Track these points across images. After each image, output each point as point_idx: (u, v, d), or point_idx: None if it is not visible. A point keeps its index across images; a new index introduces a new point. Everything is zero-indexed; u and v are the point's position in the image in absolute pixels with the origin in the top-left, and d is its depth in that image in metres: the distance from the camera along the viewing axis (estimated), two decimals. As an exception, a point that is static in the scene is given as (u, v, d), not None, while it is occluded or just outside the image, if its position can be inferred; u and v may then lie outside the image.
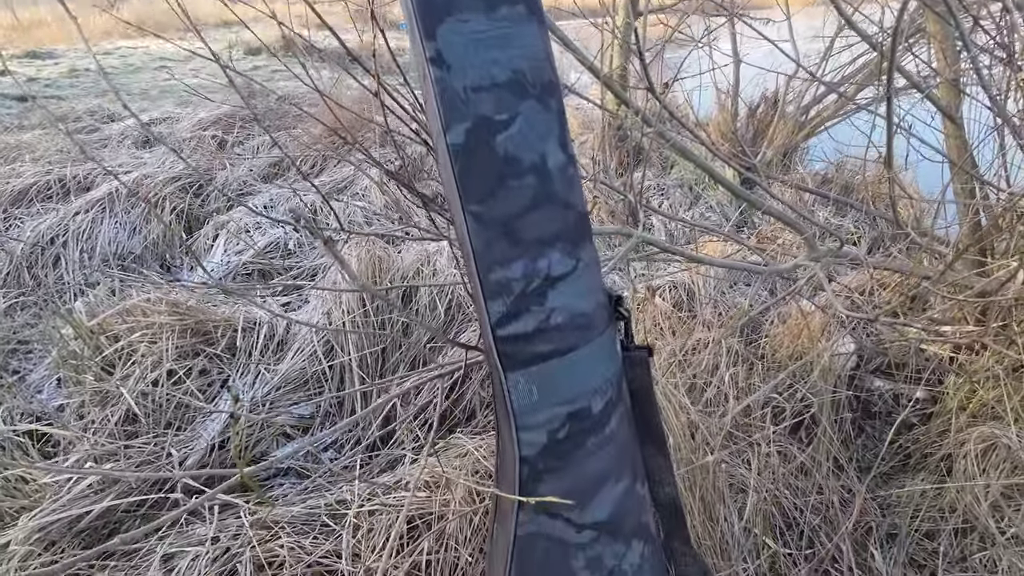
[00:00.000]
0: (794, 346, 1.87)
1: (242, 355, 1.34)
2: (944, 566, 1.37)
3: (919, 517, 1.46)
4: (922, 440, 1.68)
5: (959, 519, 1.37)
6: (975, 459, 1.35)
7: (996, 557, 1.31)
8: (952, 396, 1.61)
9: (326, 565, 0.85)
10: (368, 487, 1.02)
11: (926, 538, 1.44)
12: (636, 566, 0.50)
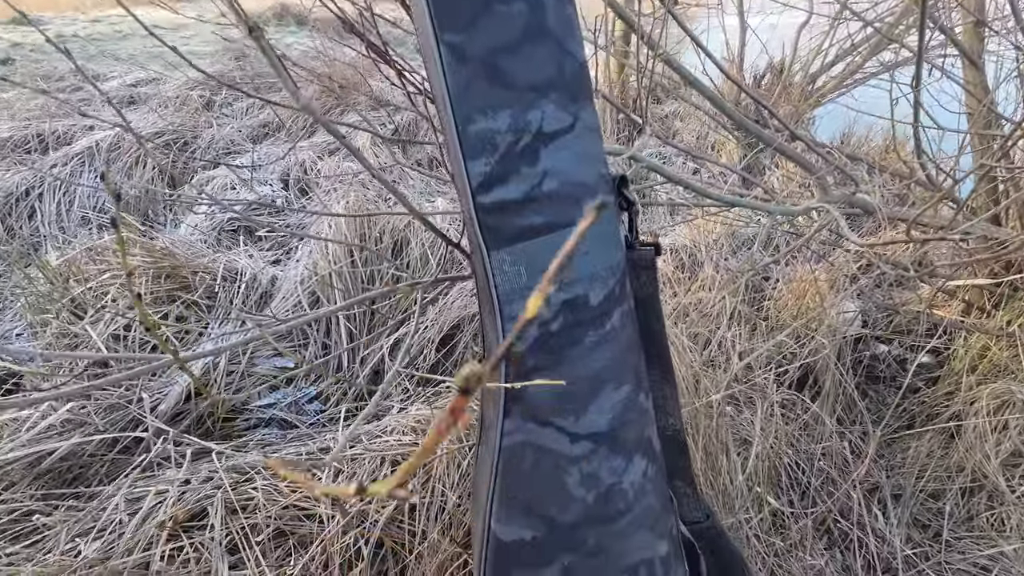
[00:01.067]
0: (798, 307, 1.81)
1: (223, 304, 1.28)
2: (950, 526, 1.33)
3: (924, 478, 1.42)
4: (928, 403, 1.63)
5: (967, 478, 1.33)
6: (986, 416, 1.30)
7: (1005, 516, 1.27)
8: (961, 358, 1.56)
9: (303, 508, 0.80)
10: (352, 433, 0.96)
11: (931, 498, 1.40)
12: (638, 485, 0.45)
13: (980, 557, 1.26)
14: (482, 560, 0.45)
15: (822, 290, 1.61)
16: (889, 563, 1.23)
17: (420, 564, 0.77)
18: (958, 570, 1.27)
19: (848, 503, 1.41)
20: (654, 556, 0.46)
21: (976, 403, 1.34)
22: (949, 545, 1.30)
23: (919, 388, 1.71)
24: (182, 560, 0.68)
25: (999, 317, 1.50)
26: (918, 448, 1.46)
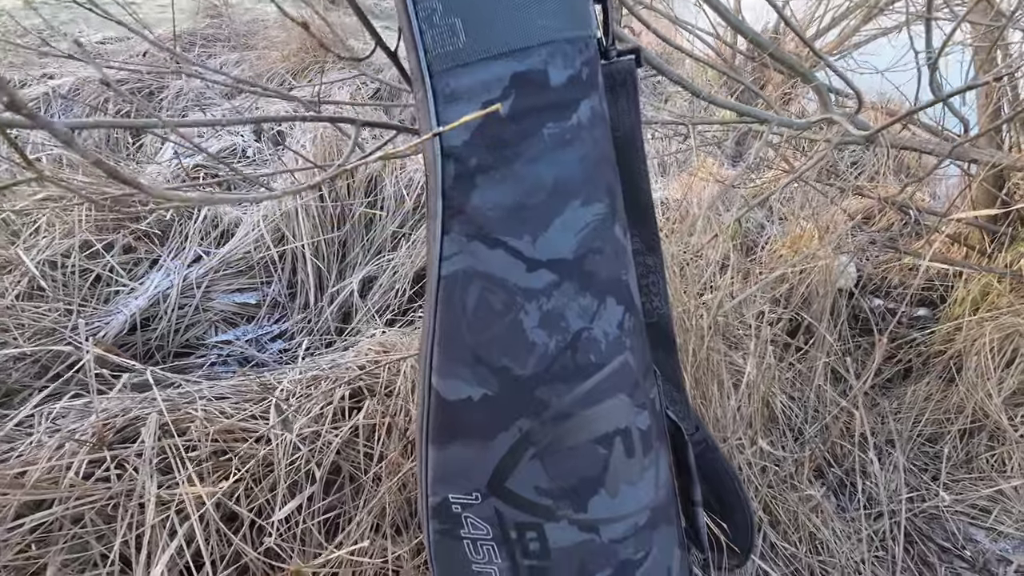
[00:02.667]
0: (792, 256, 1.74)
1: (176, 237, 1.18)
2: (947, 469, 1.28)
3: (922, 422, 1.36)
4: (925, 350, 1.57)
5: (966, 420, 1.27)
6: (989, 353, 1.24)
7: (1006, 455, 1.22)
8: (962, 301, 1.50)
9: (249, 431, 0.71)
10: (311, 362, 0.88)
11: (928, 442, 1.35)
12: (612, 337, 0.36)
13: (979, 498, 1.21)
14: (424, 426, 0.37)
15: (821, 230, 1.54)
16: (884, 506, 1.18)
17: (378, 486, 0.69)
18: (956, 512, 1.22)
19: (842, 449, 1.35)
20: (631, 426, 0.38)
21: (979, 341, 1.28)
22: (947, 487, 1.25)
23: (915, 339, 1.66)
24: (102, 477, 0.60)
25: (1002, 258, 1.43)
26: (915, 392, 1.40)
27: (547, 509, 0.38)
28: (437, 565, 0.41)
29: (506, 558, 0.40)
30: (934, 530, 1.19)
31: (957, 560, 1.12)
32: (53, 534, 0.54)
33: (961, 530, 1.19)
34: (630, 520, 0.40)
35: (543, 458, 0.37)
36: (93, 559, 0.56)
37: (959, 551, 1.14)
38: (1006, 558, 1.13)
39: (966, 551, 1.14)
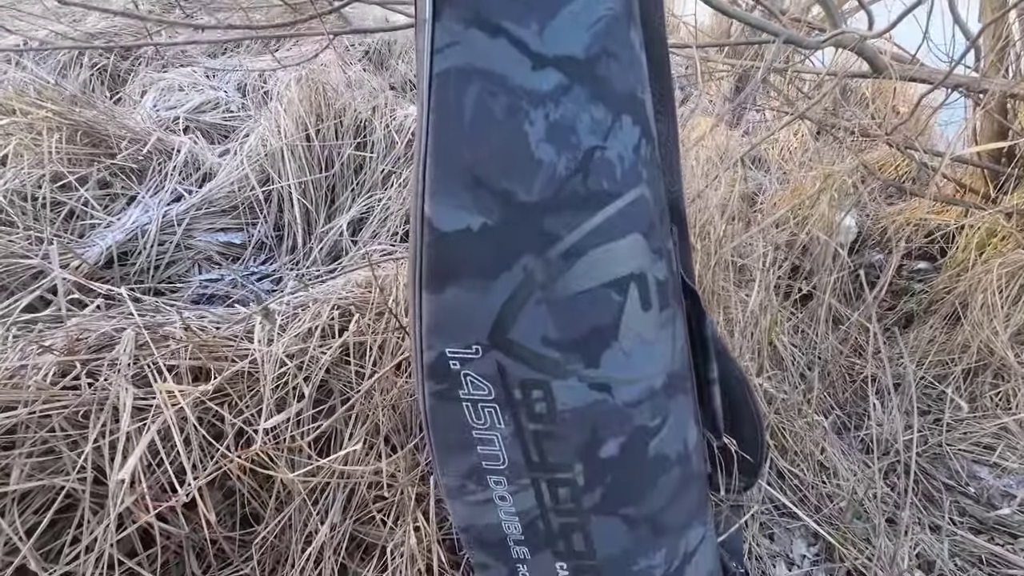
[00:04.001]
0: (793, 205, 1.70)
1: (155, 176, 1.12)
2: (951, 409, 1.26)
3: (925, 365, 1.35)
4: (926, 299, 1.55)
5: (971, 359, 1.25)
6: (996, 289, 1.21)
7: (1011, 392, 1.20)
8: (967, 244, 1.47)
9: (235, 348, 0.67)
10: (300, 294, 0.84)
11: (932, 385, 1.33)
12: (629, 163, 0.32)
13: (983, 436, 1.20)
14: (417, 269, 0.33)
15: (818, 175, 1.50)
16: (889, 446, 1.16)
17: (370, 401, 0.65)
18: (959, 450, 1.20)
19: (844, 393, 1.33)
20: (647, 274, 0.34)
21: (985, 280, 1.26)
22: (950, 428, 1.24)
23: (915, 291, 1.64)
24: (71, 386, 0.56)
25: (1008, 199, 1.40)
26: (919, 336, 1.38)
27: (555, 364, 0.34)
28: (434, 433, 0.37)
29: (510, 422, 0.36)
30: (938, 469, 1.17)
31: (961, 496, 1.11)
32: (18, 436, 0.50)
33: (965, 468, 1.17)
34: (645, 383, 0.37)
35: (550, 304, 0.33)
36: (64, 468, 0.52)
37: (963, 488, 1.13)
38: (1010, 493, 1.12)
39: (970, 488, 1.13)
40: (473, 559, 0.42)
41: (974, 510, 1.08)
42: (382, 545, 0.58)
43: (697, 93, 1.65)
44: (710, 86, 2.45)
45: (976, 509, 1.08)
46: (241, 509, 0.63)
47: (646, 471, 0.38)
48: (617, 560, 0.40)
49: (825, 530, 0.83)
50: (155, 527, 0.53)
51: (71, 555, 0.49)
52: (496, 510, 0.39)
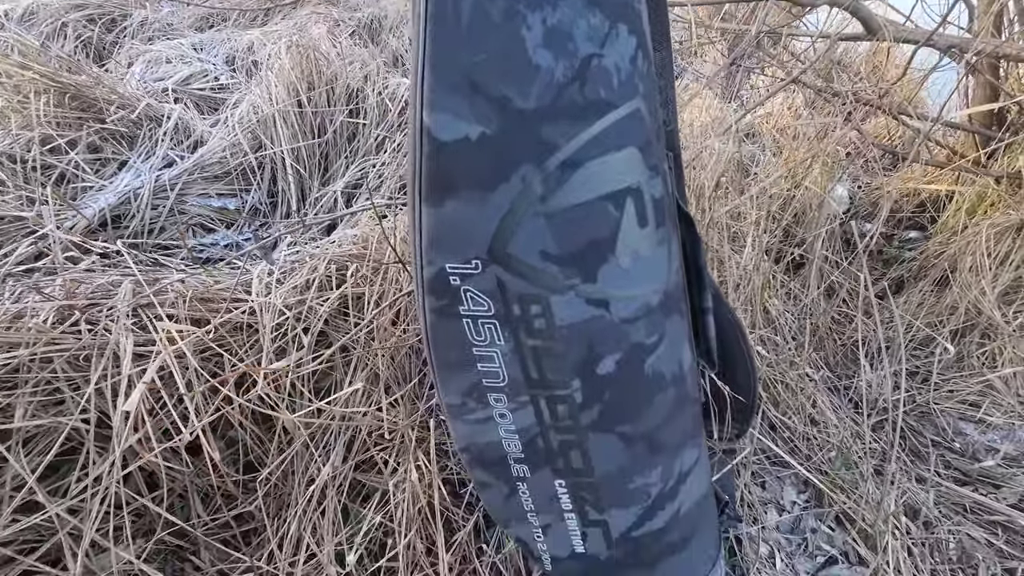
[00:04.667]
0: (785, 172, 1.70)
1: (145, 142, 1.11)
2: (939, 369, 1.29)
3: (914, 328, 1.37)
4: (916, 265, 1.57)
5: (959, 320, 1.28)
6: (986, 249, 1.23)
7: (997, 351, 1.23)
8: (955, 214, 1.49)
9: (232, 299, 0.67)
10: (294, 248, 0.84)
11: (920, 347, 1.36)
12: (626, 74, 0.33)
13: (969, 394, 1.23)
14: (416, 181, 0.33)
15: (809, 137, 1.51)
16: (877, 405, 1.19)
17: (369, 349, 0.66)
18: (946, 408, 1.23)
19: (835, 357, 1.35)
20: (643, 189, 0.35)
21: (974, 242, 1.27)
22: (937, 387, 1.27)
23: (906, 259, 1.66)
24: (71, 331, 0.56)
25: (998, 164, 1.41)
26: (909, 300, 1.40)
27: (553, 278, 0.35)
28: (435, 351, 0.38)
29: (509, 338, 0.37)
30: (924, 426, 1.20)
31: (947, 451, 1.14)
32: (20, 376, 0.51)
33: (951, 425, 1.20)
34: (641, 299, 0.37)
35: (548, 217, 0.34)
36: (67, 410, 0.53)
37: (948, 443, 1.16)
38: (993, 447, 1.15)
39: (955, 443, 1.16)
40: (474, 479, 0.43)
41: (959, 463, 1.11)
42: (383, 487, 0.60)
43: (692, 60, 1.64)
44: (704, 54, 2.43)
45: (961, 462, 1.11)
46: (244, 457, 0.64)
47: (642, 389, 0.39)
48: (614, 477, 0.41)
49: (815, 477, 0.85)
50: (161, 468, 0.53)
51: (77, 491, 0.49)
52: (496, 428, 0.40)
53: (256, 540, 0.58)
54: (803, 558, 0.82)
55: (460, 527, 0.61)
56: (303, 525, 0.55)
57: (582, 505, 0.42)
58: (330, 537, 0.54)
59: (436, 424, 0.61)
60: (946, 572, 0.86)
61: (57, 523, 0.47)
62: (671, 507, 0.44)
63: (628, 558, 0.44)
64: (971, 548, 0.92)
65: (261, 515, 0.58)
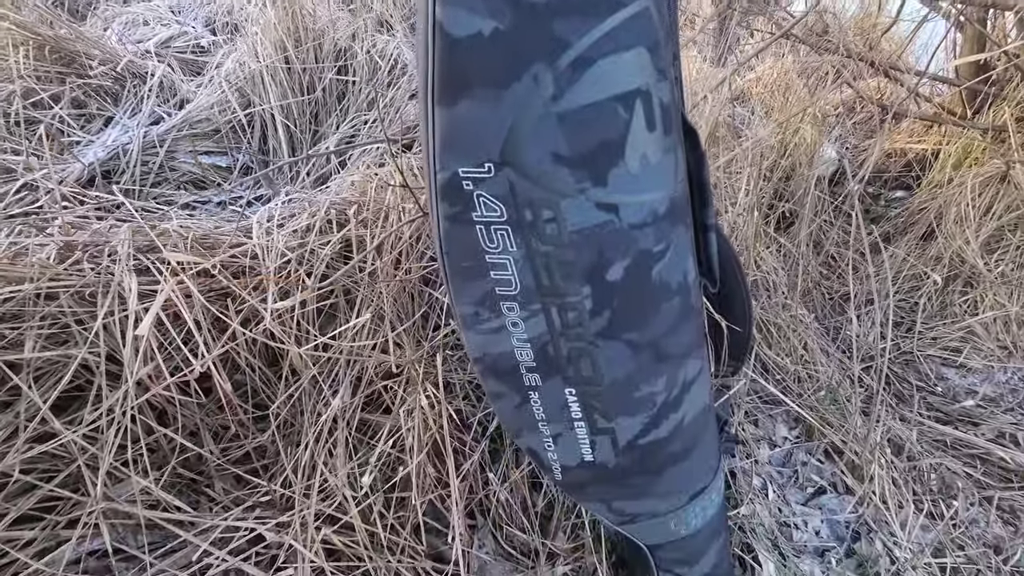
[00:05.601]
0: (775, 129, 1.70)
1: (130, 98, 1.08)
2: (922, 319, 1.33)
3: (899, 279, 1.41)
4: (903, 219, 1.60)
5: (943, 270, 1.31)
6: (969, 203, 1.26)
7: (979, 298, 1.27)
8: (941, 169, 1.51)
9: (233, 245, 0.67)
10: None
11: (905, 299, 1.39)
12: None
13: (952, 340, 1.27)
14: (428, 82, 0.34)
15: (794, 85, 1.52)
16: (864, 354, 1.22)
17: (372, 290, 0.66)
18: (929, 355, 1.28)
19: (823, 310, 1.39)
20: (651, 92, 0.35)
21: (959, 191, 1.30)
22: (921, 336, 1.31)
23: (892, 217, 1.69)
24: (75, 270, 0.56)
25: (984, 117, 1.44)
26: (895, 254, 1.43)
27: (564, 182, 0.36)
28: (449, 260, 0.39)
29: (521, 245, 0.38)
30: (909, 373, 1.25)
31: (930, 395, 1.18)
32: (27, 310, 0.51)
33: (934, 371, 1.25)
34: (649, 206, 0.38)
35: (560, 117, 0.34)
36: (75, 345, 0.53)
37: (931, 388, 1.21)
38: (973, 389, 1.20)
39: (938, 387, 1.21)
40: (487, 389, 0.44)
41: (941, 405, 1.16)
42: (392, 423, 0.61)
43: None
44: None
45: (943, 404, 1.16)
46: (253, 398, 0.65)
47: (649, 296, 0.41)
48: (621, 385, 0.43)
49: (806, 413, 0.89)
50: (175, 401, 0.54)
51: (91, 421, 0.50)
52: (509, 337, 0.41)
53: (268, 474, 0.60)
54: (794, 489, 0.86)
55: (468, 457, 0.63)
56: (316, 454, 0.56)
57: (591, 413, 0.44)
58: (343, 464, 0.56)
59: (443, 360, 0.62)
60: (928, 501, 0.90)
61: (75, 450, 0.47)
62: (675, 416, 0.46)
63: (634, 466, 0.46)
64: (951, 479, 0.96)
65: (273, 447, 0.59)
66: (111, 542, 0.46)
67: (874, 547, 0.81)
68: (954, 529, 0.87)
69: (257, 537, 0.53)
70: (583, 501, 0.51)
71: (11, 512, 0.46)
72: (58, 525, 0.48)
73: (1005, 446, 1.02)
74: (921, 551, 0.81)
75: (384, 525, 0.54)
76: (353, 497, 0.53)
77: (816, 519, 0.83)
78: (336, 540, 0.52)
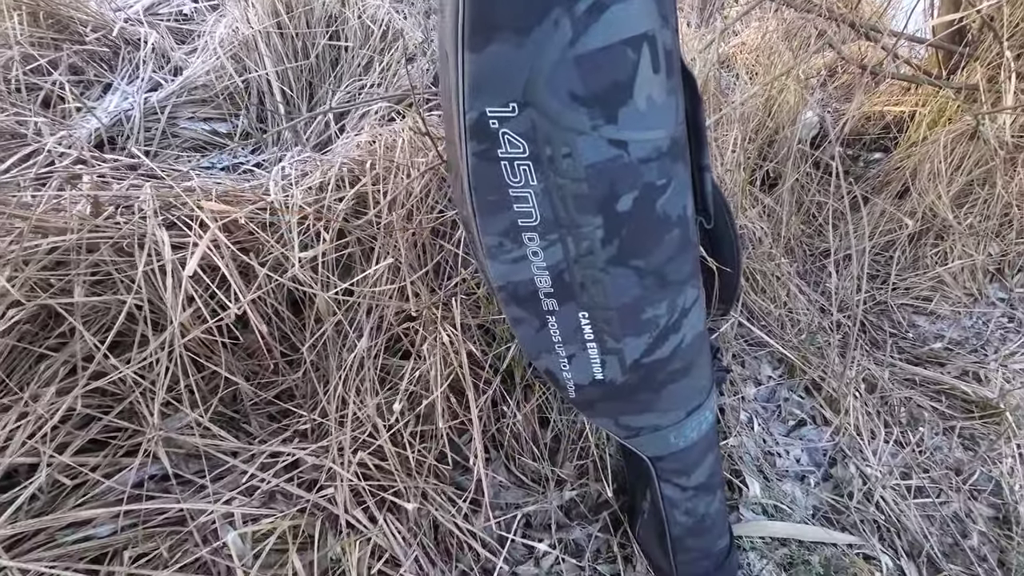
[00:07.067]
0: (759, 90, 1.74)
1: (126, 64, 1.08)
2: (896, 271, 1.41)
3: (876, 235, 1.48)
4: (880, 179, 1.66)
5: (917, 224, 1.39)
6: (942, 159, 1.33)
7: (948, 249, 1.35)
8: (917, 127, 1.57)
9: (251, 199, 0.70)
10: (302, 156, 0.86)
11: (881, 252, 1.47)
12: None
13: (923, 290, 1.35)
14: (458, 30, 0.37)
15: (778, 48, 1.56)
16: (843, 306, 1.30)
17: (389, 239, 0.71)
18: (902, 304, 1.36)
19: (805, 266, 1.46)
20: (657, 36, 0.40)
21: (933, 148, 1.37)
22: (895, 288, 1.39)
23: (869, 177, 1.75)
24: (112, 222, 0.59)
25: (959, 77, 1.49)
26: (872, 210, 1.50)
27: (580, 120, 0.40)
28: (476, 195, 0.43)
29: (541, 179, 0.42)
30: (883, 321, 1.33)
31: (901, 340, 1.27)
32: (71, 258, 0.54)
33: (906, 319, 1.33)
34: (653, 143, 0.43)
35: (576, 59, 0.38)
36: (119, 291, 0.57)
37: (903, 335, 1.29)
38: (941, 334, 1.29)
39: (909, 334, 1.29)
40: (509, 316, 0.49)
41: (911, 348, 1.24)
42: (416, 354, 0.66)
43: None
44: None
45: (913, 348, 1.25)
46: (281, 344, 0.70)
47: (653, 227, 0.46)
48: (629, 308, 0.48)
49: (788, 353, 0.96)
50: (213, 342, 0.58)
51: (138, 360, 0.54)
52: (529, 265, 0.46)
53: (301, 408, 0.65)
54: (777, 422, 0.94)
55: (483, 393, 0.68)
56: (347, 391, 0.61)
57: (602, 335, 0.49)
58: (371, 398, 0.61)
59: (458, 303, 0.67)
60: (897, 430, 0.99)
61: (130, 384, 0.52)
62: (675, 338, 0.51)
63: (639, 383, 0.52)
64: (918, 412, 1.05)
65: (305, 387, 0.64)
66: (170, 467, 0.51)
67: (848, 471, 0.89)
68: (920, 455, 0.96)
69: (295, 463, 0.58)
70: (593, 417, 0.57)
71: (77, 440, 0.50)
72: (119, 452, 0.52)
73: (968, 382, 1.11)
74: (890, 473, 0.90)
75: (412, 449, 0.60)
76: (384, 424, 0.58)
77: (797, 448, 0.91)
78: (369, 462, 0.58)
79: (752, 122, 1.55)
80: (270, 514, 0.52)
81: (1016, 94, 1.34)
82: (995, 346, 1.23)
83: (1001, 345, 1.22)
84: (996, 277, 1.34)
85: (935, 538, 0.84)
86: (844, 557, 0.76)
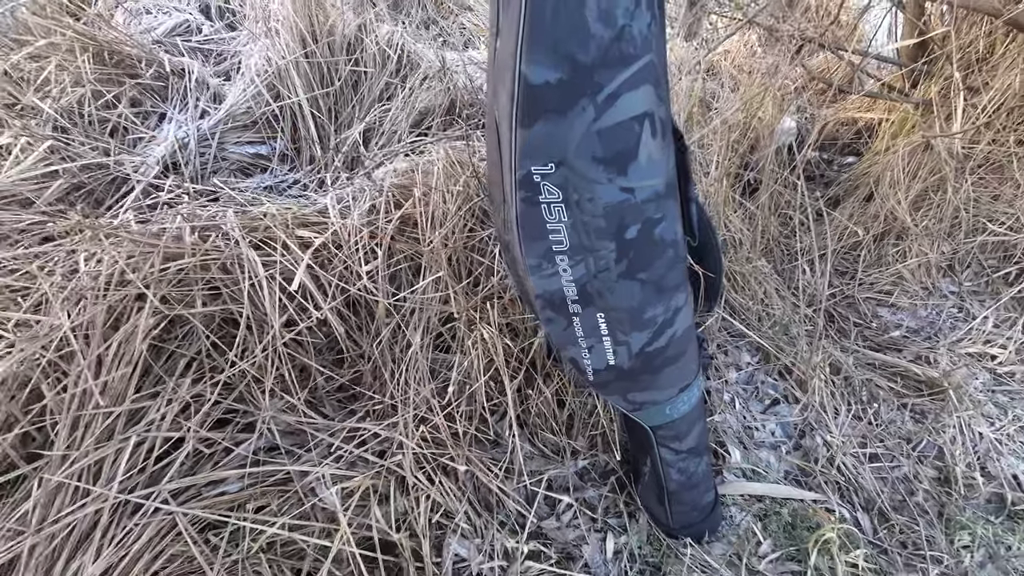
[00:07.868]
0: (741, 104, 1.90)
1: (175, 93, 1.21)
2: (863, 268, 1.58)
3: (844, 236, 1.64)
4: (851, 182, 1.82)
5: (880, 226, 1.56)
6: (901, 168, 1.49)
7: (907, 249, 1.52)
8: (882, 138, 1.74)
9: (314, 223, 0.84)
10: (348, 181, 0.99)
11: (849, 251, 1.64)
12: (643, 36, 0.51)
13: (885, 285, 1.52)
14: (513, 114, 0.52)
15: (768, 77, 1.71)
16: (813, 299, 1.46)
17: (433, 257, 0.85)
18: (867, 297, 1.53)
19: (782, 266, 1.62)
20: (655, 113, 0.54)
21: (894, 158, 1.53)
22: (861, 283, 1.56)
23: (842, 181, 1.92)
24: (214, 246, 0.73)
25: (919, 92, 1.66)
26: (841, 213, 1.67)
27: (599, 175, 0.55)
28: (522, 229, 0.58)
29: (570, 217, 0.57)
30: (850, 314, 1.50)
31: (866, 330, 1.44)
32: (190, 276, 0.68)
33: (871, 311, 1.50)
34: (653, 188, 0.58)
35: (599, 132, 0.53)
36: (225, 303, 0.71)
37: (867, 325, 1.46)
38: (900, 324, 1.46)
39: (872, 323, 1.46)
40: (543, 317, 0.64)
41: (873, 336, 1.41)
42: (461, 348, 0.80)
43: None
44: None
45: (875, 336, 1.42)
46: (346, 340, 0.84)
47: (652, 249, 0.61)
48: (635, 310, 0.63)
49: (764, 343, 1.12)
50: (304, 341, 0.72)
51: (245, 353, 0.68)
52: (560, 279, 0.61)
53: (371, 391, 0.79)
54: (754, 401, 1.10)
55: (513, 379, 0.83)
56: (407, 376, 0.76)
57: (614, 331, 0.64)
58: (425, 385, 0.76)
59: (493, 306, 0.82)
60: (857, 406, 1.15)
61: (249, 374, 0.66)
62: (670, 331, 0.67)
63: (643, 367, 0.67)
64: (876, 392, 1.22)
65: (370, 376, 0.78)
66: (280, 441, 0.65)
67: (815, 441, 1.06)
68: (877, 427, 1.13)
69: (370, 437, 0.72)
70: (607, 395, 0.72)
71: (208, 420, 0.64)
72: (237, 428, 0.66)
73: (920, 364, 1.28)
74: (849, 441, 1.07)
75: (460, 425, 0.74)
76: (439, 404, 0.73)
77: (772, 422, 1.07)
78: (427, 435, 0.72)
79: (734, 132, 1.70)
80: (354, 475, 0.67)
81: (966, 110, 1.51)
82: (945, 333, 1.40)
83: (951, 332, 1.40)
84: (947, 273, 1.51)
85: (886, 495, 1.01)
86: (808, 509, 0.92)
